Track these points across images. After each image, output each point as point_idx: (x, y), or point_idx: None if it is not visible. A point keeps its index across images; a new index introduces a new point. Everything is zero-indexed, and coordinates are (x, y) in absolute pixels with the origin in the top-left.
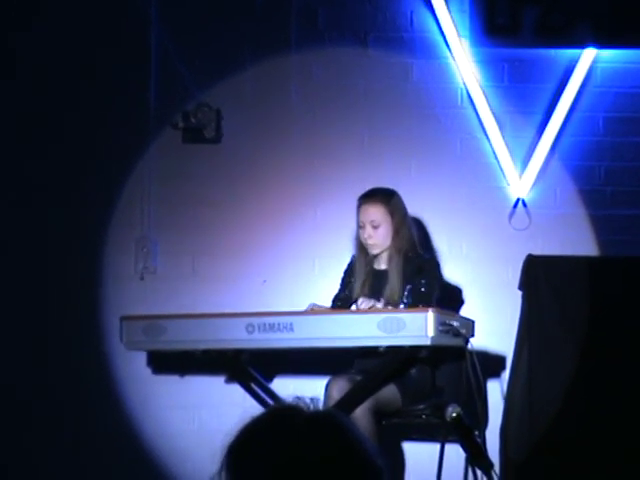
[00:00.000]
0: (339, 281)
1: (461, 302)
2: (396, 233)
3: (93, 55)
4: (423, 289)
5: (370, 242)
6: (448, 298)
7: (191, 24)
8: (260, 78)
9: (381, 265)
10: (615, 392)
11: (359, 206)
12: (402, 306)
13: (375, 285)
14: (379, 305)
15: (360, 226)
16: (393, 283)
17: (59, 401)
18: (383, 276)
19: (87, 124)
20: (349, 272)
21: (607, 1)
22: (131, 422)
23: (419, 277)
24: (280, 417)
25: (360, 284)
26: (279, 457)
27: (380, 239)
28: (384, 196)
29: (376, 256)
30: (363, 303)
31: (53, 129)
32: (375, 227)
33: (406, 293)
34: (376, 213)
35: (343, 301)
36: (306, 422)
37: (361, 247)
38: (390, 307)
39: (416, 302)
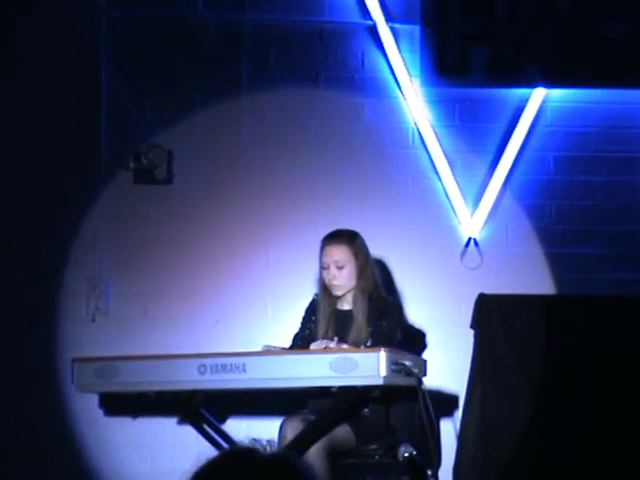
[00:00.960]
0: (292, 322)
1: (424, 346)
2: (360, 274)
3: (44, 96)
4: (385, 331)
5: (335, 283)
6: (411, 341)
7: (142, 66)
8: (212, 119)
9: (344, 306)
10: (571, 433)
11: (322, 247)
12: (363, 347)
13: (339, 326)
14: (332, 345)
15: (324, 267)
16: (359, 324)
17: (11, 441)
18: (347, 317)
19: (39, 165)
20: (310, 311)
21: (556, 41)
22: (84, 463)
23: (381, 319)
24: (237, 460)
25: (324, 325)
26: None
27: (344, 280)
28: (348, 237)
29: (339, 297)
30: (315, 345)
31: (5, 169)
32: (339, 268)
33: (369, 335)
34: (340, 254)
35: (303, 340)
36: (263, 465)
37: (324, 288)
38: (345, 346)
39: (378, 344)
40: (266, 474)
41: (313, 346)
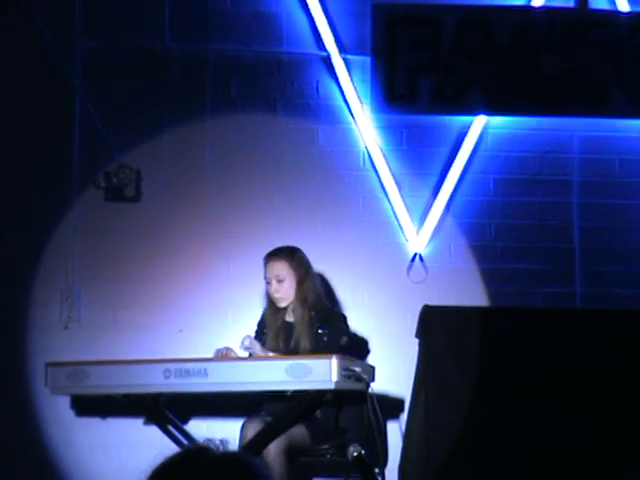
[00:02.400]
0: (252, 329)
1: (367, 352)
2: (299, 286)
3: (19, 118)
4: (326, 339)
5: (277, 295)
6: (355, 348)
7: (113, 91)
8: (177, 141)
9: (290, 318)
10: (506, 432)
11: (265, 264)
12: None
13: (287, 337)
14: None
15: (267, 282)
16: (298, 332)
17: None
18: (293, 327)
19: (14, 182)
20: (262, 324)
21: (496, 73)
22: (55, 462)
23: (323, 327)
24: (190, 457)
25: (273, 336)
26: None
27: (285, 293)
28: (287, 253)
29: (286, 309)
30: (218, 352)
31: None
32: (280, 281)
33: (309, 342)
34: (280, 268)
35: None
36: (214, 462)
37: (271, 301)
38: (272, 354)
39: (318, 351)
40: (217, 471)
41: (215, 354)
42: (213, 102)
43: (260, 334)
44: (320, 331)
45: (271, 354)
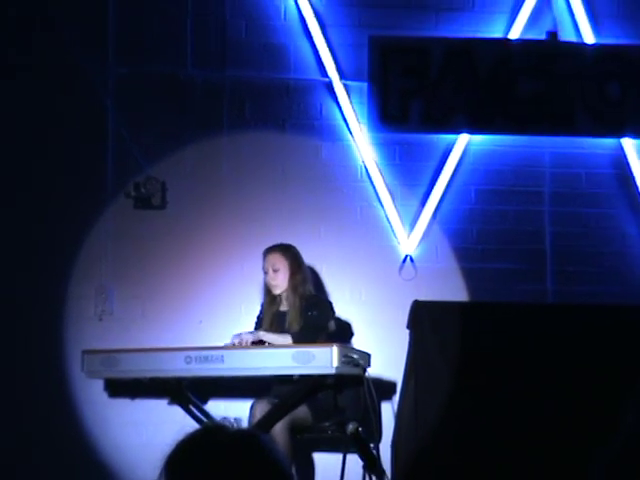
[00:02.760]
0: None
1: (351, 334)
2: (292, 276)
3: (58, 136)
4: (312, 320)
5: (273, 283)
6: (341, 331)
7: (141, 111)
8: (198, 156)
9: (284, 307)
10: (487, 413)
11: (264, 257)
12: (309, 335)
13: (280, 323)
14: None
15: (265, 272)
16: (291, 317)
17: (29, 420)
18: (285, 315)
19: (54, 194)
20: (260, 317)
21: (478, 96)
22: (89, 437)
23: (311, 311)
24: (208, 434)
25: (268, 324)
26: (206, 467)
27: (280, 281)
28: (282, 247)
29: (280, 299)
30: (235, 338)
31: (28, 197)
32: (275, 271)
33: (300, 325)
34: (275, 260)
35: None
36: (230, 438)
37: (267, 291)
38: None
39: (307, 330)
40: (232, 446)
41: (234, 338)
42: (229, 122)
43: (259, 325)
44: (309, 313)
45: (261, 333)
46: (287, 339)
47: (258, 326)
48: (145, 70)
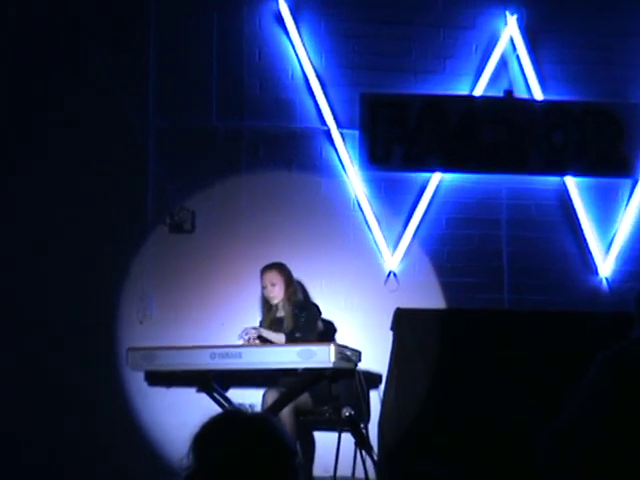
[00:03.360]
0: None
1: (335, 330)
2: (286, 289)
3: (108, 176)
4: (303, 320)
5: (271, 295)
6: (327, 330)
7: (176, 156)
8: (221, 191)
9: (280, 313)
10: (457, 397)
11: (262, 274)
12: (298, 335)
13: (278, 326)
14: (252, 332)
15: (264, 287)
16: (287, 321)
17: (85, 405)
18: (281, 320)
19: (109, 222)
20: (262, 318)
21: (448, 141)
22: (134, 419)
23: (301, 313)
24: (228, 417)
25: (267, 326)
26: (226, 443)
27: (276, 293)
28: (277, 266)
29: (277, 307)
30: (245, 333)
31: (85, 227)
32: (273, 285)
33: (295, 327)
34: (272, 276)
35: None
36: (246, 420)
37: (266, 301)
38: (265, 331)
39: (298, 329)
40: (248, 426)
41: (242, 332)
42: (247, 163)
43: (261, 324)
44: (301, 317)
45: (261, 329)
46: (281, 338)
47: (261, 325)
48: (178, 122)
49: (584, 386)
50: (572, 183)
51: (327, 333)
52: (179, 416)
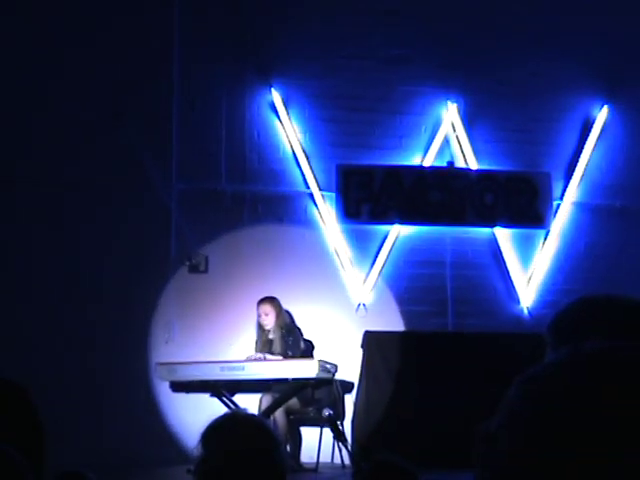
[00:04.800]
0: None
1: (313, 348)
2: (277, 318)
3: (142, 226)
4: (290, 342)
5: (264, 322)
6: (307, 348)
7: (193, 211)
8: (228, 240)
9: (271, 336)
10: (414, 401)
11: (258, 306)
12: (289, 353)
13: (269, 348)
14: (261, 356)
15: (259, 315)
16: (276, 344)
17: (125, 407)
18: (272, 342)
19: (139, 265)
20: (257, 342)
21: (404, 201)
22: (160, 417)
23: (288, 336)
24: (232, 416)
25: (261, 345)
26: (228, 438)
27: (269, 321)
28: (270, 299)
29: (269, 331)
30: (254, 356)
31: (124, 266)
32: (266, 314)
33: (284, 348)
34: (266, 308)
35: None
36: (245, 420)
37: (260, 326)
38: (269, 356)
39: (288, 348)
40: (247, 425)
41: (253, 357)
42: (248, 218)
43: (256, 346)
44: (288, 339)
45: (269, 356)
46: (279, 357)
47: (256, 347)
48: (195, 186)
49: (503, 406)
50: (500, 233)
51: (307, 350)
52: (195, 415)
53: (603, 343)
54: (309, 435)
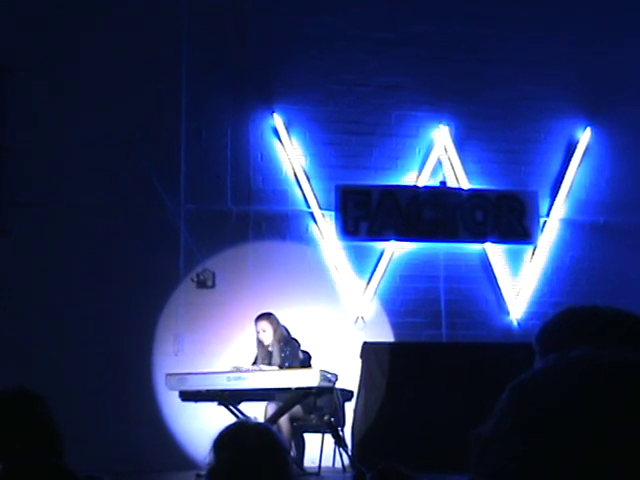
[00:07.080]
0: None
1: (310, 358)
2: (275, 333)
3: (153, 245)
4: (288, 353)
5: (262, 338)
6: (304, 359)
7: (200, 230)
8: (234, 257)
9: (270, 349)
10: (409, 408)
11: (256, 322)
12: (286, 364)
13: (268, 360)
14: (265, 367)
15: (257, 331)
16: (275, 356)
17: (135, 415)
18: (271, 354)
19: (151, 280)
20: (257, 355)
21: (400, 219)
22: (169, 425)
23: (286, 348)
24: (240, 425)
25: (261, 360)
26: (238, 445)
27: (267, 336)
28: (267, 316)
29: (268, 345)
30: (257, 366)
31: (137, 280)
32: (264, 331)
33: (282, 360)
34: (264, 325)
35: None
36: (252, 428)
37: (259, 341)
38: (265, 367)
39: (286, 359)
40: (254, 433)
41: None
42: (253, 236)
43: (255, 359)
44: (286, 351)
45: (264, 367)
46: (275, 369)
47: (255, 359)
48: (202, 206)
49: (495, 410)
50: (490, 248)
51: (305, 360)
52: (203, 423)
53: (589, 350)
54: (311, 441)
